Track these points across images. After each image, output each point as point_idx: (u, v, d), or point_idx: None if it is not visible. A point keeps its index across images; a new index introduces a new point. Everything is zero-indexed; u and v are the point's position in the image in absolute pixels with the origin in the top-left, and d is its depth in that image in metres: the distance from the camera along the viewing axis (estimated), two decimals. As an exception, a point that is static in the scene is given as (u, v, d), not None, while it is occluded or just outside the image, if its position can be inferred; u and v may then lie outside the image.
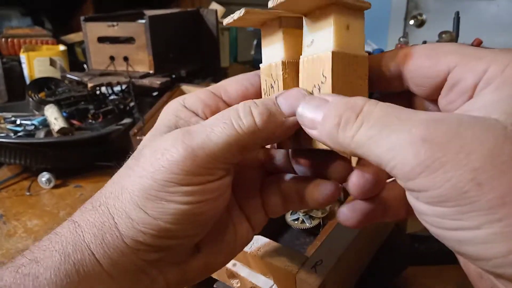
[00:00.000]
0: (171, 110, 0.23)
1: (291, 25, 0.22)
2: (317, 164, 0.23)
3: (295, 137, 0.21)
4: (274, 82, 0.22)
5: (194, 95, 0.23)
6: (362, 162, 0.21)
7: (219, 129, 0.19)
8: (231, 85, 0.23)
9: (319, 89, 0.20)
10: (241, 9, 0.21)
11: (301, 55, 0.22)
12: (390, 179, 0.21)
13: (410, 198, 0.17)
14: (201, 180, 0.19)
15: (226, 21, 0.23)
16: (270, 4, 0.20)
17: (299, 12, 0.21)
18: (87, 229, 0.20)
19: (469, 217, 0.15)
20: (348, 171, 0.21)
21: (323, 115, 0.18)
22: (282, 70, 0.22)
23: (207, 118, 0.21)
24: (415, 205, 0.17)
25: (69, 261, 0.19)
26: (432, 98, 0.21)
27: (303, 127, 0.20)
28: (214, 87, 0.24)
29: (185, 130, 0.20)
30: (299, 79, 0.22)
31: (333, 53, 0.19)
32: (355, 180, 0.20)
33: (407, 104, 0.21)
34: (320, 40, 0.20)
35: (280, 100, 0.20)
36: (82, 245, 0.19)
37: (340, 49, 0.20)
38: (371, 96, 0.21)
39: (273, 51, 0.23)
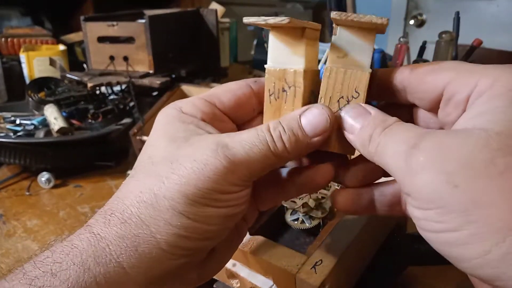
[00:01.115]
0: (173, 117, 0.23)
1: (312, 37, 0.23)
2: (316, 158, 0.26)
3: None
4: (290, 87, 0.23)
5: (189, 102, 0.24)
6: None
7: (257, 149, 0.21)
8: (224, 95, 0.24)
9: (348, 102, 0.23)
10: (286, 18, 0.21)
11: (312, 65, 0.24)
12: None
13: (406, 204, 0.19)
14: (238, 189, 0.21)
15: (264, 21, 0.22)
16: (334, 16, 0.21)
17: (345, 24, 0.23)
18: (115, 242, 0.19)
19: (449, 219, 0.16)
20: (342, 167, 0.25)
21: (362, 124, 0.21)
22: (304, 79, 0.23)
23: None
24: (408, 210, 0.19)
25: (89, 274, 0.19)
26: (433, 110, 0.22)
27: (342, 129, 0.22)
28: (207, 95, 0.25)
29: (223, 144, 0.21)
30: (322, 87, 0.23)
31: (370, 73, 0.22)
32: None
33: (409, 115, 0.24)
34: (356, 56, 0.22)
35: (304, 123, 0.22)
36: (106, 257, 0.19)
37: (371, 69, 0.22)
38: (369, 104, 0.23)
39: (289, 57, 0.23)
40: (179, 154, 0.21)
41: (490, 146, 0.16)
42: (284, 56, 0.23)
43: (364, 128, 0.21)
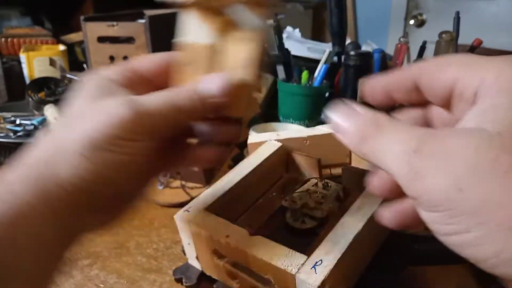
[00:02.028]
0: (94, 80, 0.25)
1: (217, 13, 0.26)
2: (214, 130, 0.28)
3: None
4: (197, 59, 0.27)
5: (111, 69, 0.26)
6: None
7: (161, 104, 0.24)
8: (146, 63, 0.27)
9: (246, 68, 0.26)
10: None
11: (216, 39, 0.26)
12: None
13: (415, 207, 0.19)
14: (141, 138, 0.23)
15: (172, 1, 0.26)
16: None
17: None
18: (19, 182, 0.21)
19: (459, 221, 0.17)
20: (237, 133, 0.28)
21: (352, 125, 0.21)
22: (208, 51, 0.26)
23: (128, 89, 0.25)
24: (419, 213, 0.19)
25: None
26: (447, 107, 0.22)
27: (333, 130, 0.22)
28: (129, 62, 0.27)
29: (130, 98, 0.23)
30: (223, 58, 0.26)
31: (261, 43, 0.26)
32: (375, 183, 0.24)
33: (424, 114, 0.24)
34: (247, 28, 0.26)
35: (204, 86, 0.25)
36: (11, 195, 0.21)
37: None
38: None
39: (199, 32, 0.27)
40: (90, 108, 0.24)
41: (493, 146, 0.16)
42: (194, 31, 0.27)
43: (356, 128, 0.21)
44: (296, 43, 1.00)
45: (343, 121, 0.21)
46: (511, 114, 0.17)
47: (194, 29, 0.27)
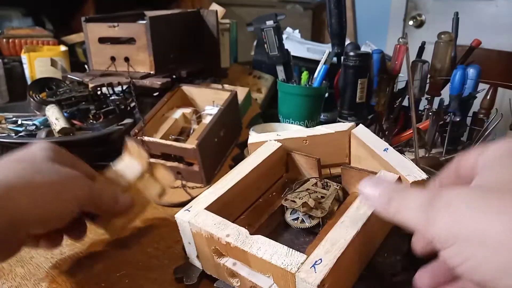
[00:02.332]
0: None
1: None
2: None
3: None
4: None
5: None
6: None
7: (86, 192, 0.37)
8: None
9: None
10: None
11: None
12: None
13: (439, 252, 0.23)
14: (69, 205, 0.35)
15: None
16: None
17: None
18: None
19: (462, 250, 0.21)
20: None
21: (380, 190, 0.27)
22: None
23: None
24: (441, 256, 0.23)
25: None
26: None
27: (365, 200, 0.28)
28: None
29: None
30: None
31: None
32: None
33: None
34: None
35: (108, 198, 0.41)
36: None
37: None
38: None
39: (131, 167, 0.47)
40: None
41: (485, 197, 0.22)
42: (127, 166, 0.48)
43: (383, 193, 0.26)
44: (296, 43, 1.00)
45: (372, 189, 0.27)
46: (499, 176, 0.23)
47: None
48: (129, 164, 0.47)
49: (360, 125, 0.52)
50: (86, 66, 0.84)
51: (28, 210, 0.31)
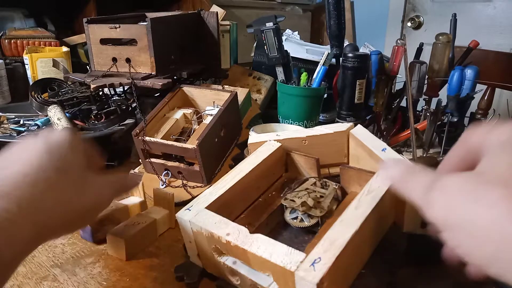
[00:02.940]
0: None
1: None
2: None
3: None
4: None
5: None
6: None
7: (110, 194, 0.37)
8: None
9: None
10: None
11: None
12: None
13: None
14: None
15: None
16: None
17: None
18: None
19: (455, 235, 0.23)
20: None
21: (398, 169, 0.29)
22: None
23: None
24: (441, 237, 0.24)
25: None
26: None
27: (386, 178, 0.31)
28: None
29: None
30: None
31: None
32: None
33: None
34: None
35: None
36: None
37: None
38: None
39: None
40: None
41: (479, 187, 0.22)
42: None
43: (400, 173, 0.29)
44: (295, 45, 1.01)
45: (391, 170, 0.29)
46: (492, 162, 0.24)
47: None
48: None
49: (359, 125, 0.53)
50: (88, 67, 0.85)
51: (56, 227, 0.30)
